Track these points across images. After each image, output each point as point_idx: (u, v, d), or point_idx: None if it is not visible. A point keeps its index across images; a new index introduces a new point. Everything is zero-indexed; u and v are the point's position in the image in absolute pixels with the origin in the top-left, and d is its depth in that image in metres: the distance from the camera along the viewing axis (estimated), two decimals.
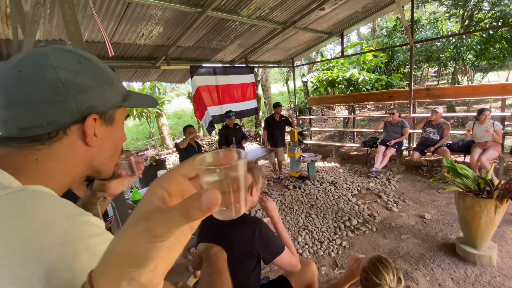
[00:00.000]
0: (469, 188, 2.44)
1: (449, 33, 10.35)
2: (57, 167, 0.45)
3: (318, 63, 12.37)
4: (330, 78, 9.10)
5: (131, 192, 3.08)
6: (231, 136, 4.57)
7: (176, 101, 14.92)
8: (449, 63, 10.80)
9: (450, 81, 12.28)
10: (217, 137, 9.01)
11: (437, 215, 3.22)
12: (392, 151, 4.71)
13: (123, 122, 0.56)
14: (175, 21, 3.45)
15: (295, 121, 5.20)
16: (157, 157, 6.88)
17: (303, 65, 11.84)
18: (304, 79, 11.68)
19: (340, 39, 6.22)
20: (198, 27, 3.72)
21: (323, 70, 10.47)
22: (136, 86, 9.84)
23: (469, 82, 10.10)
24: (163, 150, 9.21)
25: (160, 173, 3.30)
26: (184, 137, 3.91)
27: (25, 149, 0.43)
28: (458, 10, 10.13)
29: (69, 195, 1.69)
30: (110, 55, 1.82)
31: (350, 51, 10.16)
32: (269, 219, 1.49)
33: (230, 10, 3.64)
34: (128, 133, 13.46)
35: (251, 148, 8.09)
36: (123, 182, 0.84)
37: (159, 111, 9.09)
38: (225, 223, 1.22)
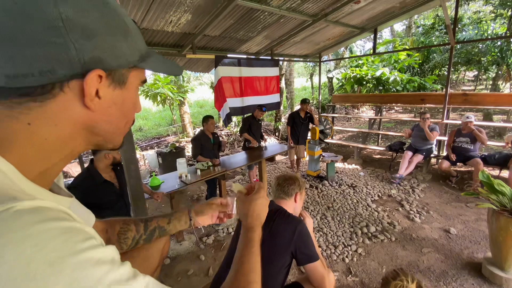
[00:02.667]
0: (505, 206, 2.25)
1: (494, 35, 9.52)
2: (52, 133, 0.37)
3: (346, 60, 11.93)
4: (358, 75, 8.73)
5: (150, 177, 3.13)
6: (253, 127, 4.56)
7: (199, 90, 15.07)
8: (490, 68, 10.01)
9: (489, 87, 11.40)
10: (235, 129, 9.04)
11: (464, 230, 3.01)
12: (419, 157, 4.44)
13: (137, 87, 0.46)
14: (203, 9, 3.41)
15: (317, 118, 5.05)
16: (177, 144, 7.01)
17: (330, 60, 11.45)
18: (330, 75, 11.31)
19: (372, 35, 5.90)
20: (226, 16, 3.65)
21: (351, 67, 10.07)
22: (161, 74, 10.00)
23: None
24: (183, 138, 9.37)
25: (179, 161, 3.32)
26: (201, 128, 3.89)
27: (16, 107, 0.34)
28: (506, 11, 9.30)
29: (96, 177, 1.73)
30: None
31: (381, 49, 9.67)
32: None
33: (260, 0, 3.53)
34: (151, 118, 13.82)
35: (269, 142, 8.01)
36: (212, 219, 0.86)
37: (182, 99, 9.21)
38: (273, 215, 1.36)
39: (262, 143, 4.70)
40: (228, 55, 4.94)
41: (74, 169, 6.61)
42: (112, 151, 2.00)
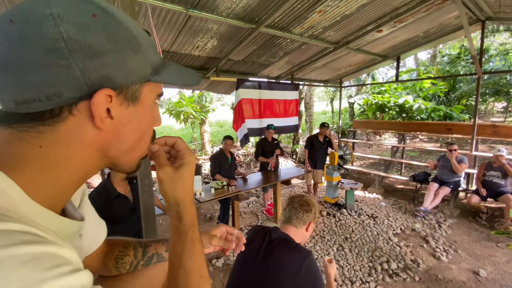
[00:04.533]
0: None
1: None
2: (64, 156, 0.36)
3: (368, 86, 11.88)
4: (380, 102, 8.62)
5: None
6: (268, 149, 4.52)
7: (220, 110, 15.50)
8: None
9: None
10: (252, 150, 9.08)
11: (494, 273, 2.73)
12: (446, 190, 4.18)
13: (153, 101, 0.44)
14: (229, 36, 3.59)
15: (336, 143, 4.96)
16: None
17: (351, 86, 11.45)
18: (351, 101, 11.25)
19: (395, 63, 5.87)
20: (249, 42, 3.81)
21: (373, 93, 9.99)
22: (186, 93, 10.47)
23: None
24: (201, 156, 9.53)
25: (195, 178, 3.35)
26: (220, 147, 3.96)
27: (26, 131, 0.34)
28: None
29: (111, 191, 1.75)
30: None
31: (404, 77, 9.56)
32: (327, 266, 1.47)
33: (283, 28, 3.67)
34: (173, 135, 14.19)
35: (286, 165, 7.93)
36: (213, 247, 0.77)
37: (204, 118, 9.50)
38: (277, 244, 1.24)
39: (273, 158, 4.47)
40: (250, 79, 5.09)
41: (97, 180, 6.85)
42: None
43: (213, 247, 0.76)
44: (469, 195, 4.13)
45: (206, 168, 7.66)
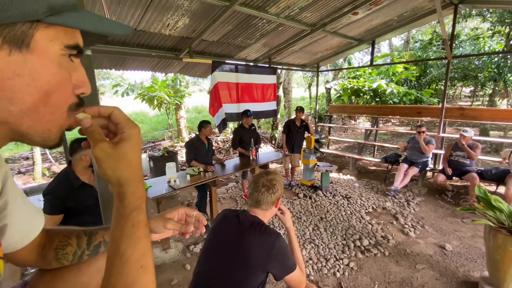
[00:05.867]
0: (503, 224, 2.18)
1: (491, 51, 9.67)
2: None
3: (344, 71, 12.04)
4: (355, 87, 8.77)
5: None
6: (246, 137, 4.41)
7: (198, 95, 15.06)
8: (487, 84, 10.12)
9: (486, 103, 11.52)
10: (231, 136, 8.98)
11: (460, 247, 2.92)
12: (415, 170, 4.39)
13: (59, 54, 0.35)
14: (201, 13, 3.39)
15: (313, 127, 5.00)
16: (170, 149, 6.91)
17: (328, 70, 11.55)
18: (328, 86, 11.37)
19: (370, 48, 5.93)
20: (224, 21, 3.64)
21: (348, 78, 10.14)
22: (159, 77, 9.98)
23: (509, 106, 9.41)
24: (178, 142, 9.28)
25: (169, 165, 3.23)
26: (197, 133, 3.82)
27: None
28: (503, 28, 9.45)
29: (73, 180, 1.61)
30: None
31: (379, 62, 9.77)
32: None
33: (258, 7, 3.52)
34: (148, 122, 13.72)
35: (265, 150, 7.94)
36: (170, 232, 0.69)
37: (179, 104, 9.16)
38: (246, 228, 1.20)
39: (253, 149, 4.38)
40: (226, 61, 4.92)
41: None
42: (88, 152, 1.90)
43: (171, 231, 0.69)
44: (435, 174, 4.37)
45: (183, 155, 7.48)
